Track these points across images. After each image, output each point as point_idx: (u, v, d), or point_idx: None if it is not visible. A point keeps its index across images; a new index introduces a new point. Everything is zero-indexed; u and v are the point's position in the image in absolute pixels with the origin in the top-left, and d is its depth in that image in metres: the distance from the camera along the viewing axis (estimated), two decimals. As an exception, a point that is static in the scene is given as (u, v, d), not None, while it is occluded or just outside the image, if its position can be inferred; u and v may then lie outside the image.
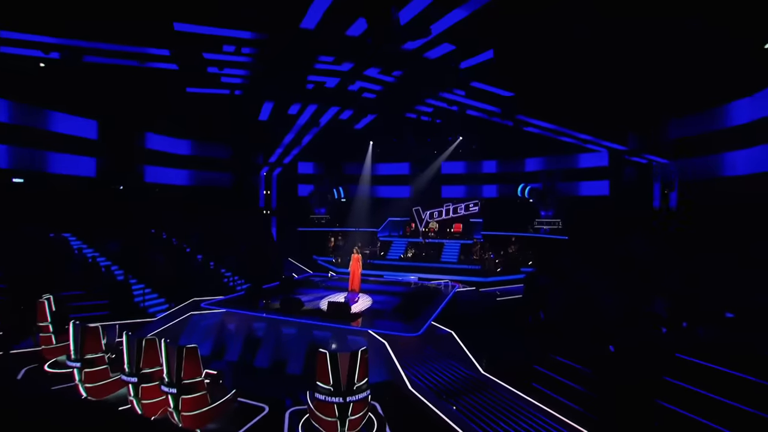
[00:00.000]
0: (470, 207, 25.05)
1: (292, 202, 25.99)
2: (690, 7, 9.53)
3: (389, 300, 13.82)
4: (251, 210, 23.42)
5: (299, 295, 13.80)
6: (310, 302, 13.06)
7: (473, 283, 18.48)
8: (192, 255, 16.70)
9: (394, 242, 23.87)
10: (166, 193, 19.99)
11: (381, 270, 20.08)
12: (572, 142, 18.36)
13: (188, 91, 14.76)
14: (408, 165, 27.04)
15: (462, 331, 11.10)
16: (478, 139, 23.28)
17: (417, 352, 10.08)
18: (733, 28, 10.39)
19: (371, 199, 26.34)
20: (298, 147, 21.71)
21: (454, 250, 22.37)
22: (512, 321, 13.90)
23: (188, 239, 18.20)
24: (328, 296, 14.05)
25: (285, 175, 25.71)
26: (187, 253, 16.90)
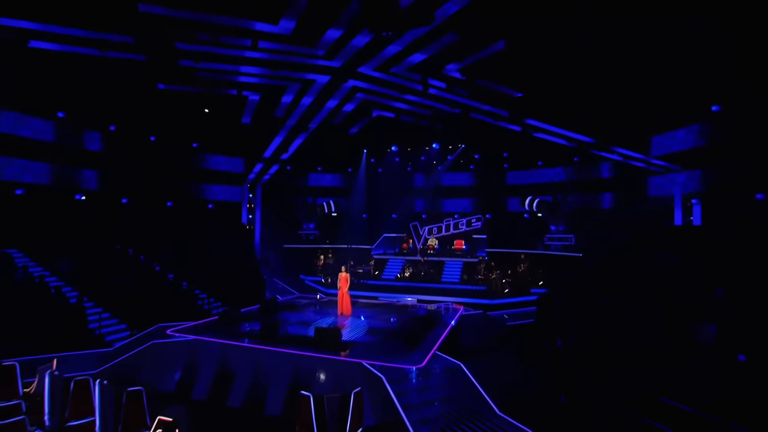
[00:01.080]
0: (473, 222, 24.29)
1: (280, 215, 24.96)
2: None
3: (385, 325, 12.76)
4: (232, 224, 22.33)
5: (282, 319, 12.69)
6: (294, 328, 11.97)
7: (479, 305, 17.46)
8: (162, 274, 15.53)
9: (389, 261, 22.91)
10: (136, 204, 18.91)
11: (376, 291, 19.03)
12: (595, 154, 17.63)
13: (159, 88, 13.87)
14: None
15: (471, 362, 10.06)
16: (483, 146, 22.56)
17: (420, 389, 8.99)
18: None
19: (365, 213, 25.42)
20: (285, 153, 20.79)
21: (457, 269, 21.46)
22: (526, 349, 12.86)
23: (158, 256, 17.06)
24: (315, 321, 12.95)
25: (272, 185, 24.74)
26: (157, 271, 15.73)
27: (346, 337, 11.17)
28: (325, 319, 13.41)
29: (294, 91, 14.76)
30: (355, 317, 13.82)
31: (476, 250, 22.72)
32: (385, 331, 12.09)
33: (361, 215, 26.45)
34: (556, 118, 14.86)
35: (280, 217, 24.81)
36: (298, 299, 16.94)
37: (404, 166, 25.57)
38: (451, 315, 14.44)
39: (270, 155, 20.76)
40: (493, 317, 16.36)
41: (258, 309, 14.29)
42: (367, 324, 13.02)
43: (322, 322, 12.96)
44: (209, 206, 21.61)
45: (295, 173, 25.68)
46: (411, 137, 20.97)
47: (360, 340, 11.07)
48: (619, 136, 15.68)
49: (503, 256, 21.28)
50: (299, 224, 25.19)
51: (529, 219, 23.22)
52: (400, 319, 13.69)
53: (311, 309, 15.03)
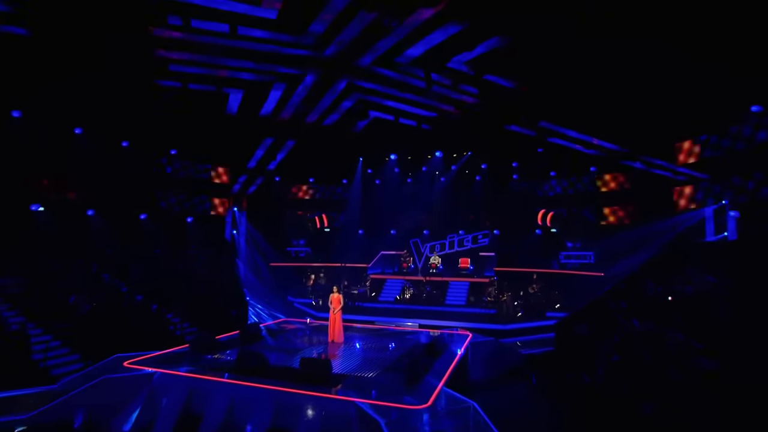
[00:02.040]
0: (479, 239, 23.27)
1: (268, 231, 23.90)
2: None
3: (383, 355, 11.65)
4: (214, 240, 21.25)
5: (265, 348, 11.56)
6: (278, 358, 10.83)
7: (489, 331, 16.27)
8: (129, 295, 14.41)
9: (387, 281, 21.81)
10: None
11: (372, 314, 17.87)
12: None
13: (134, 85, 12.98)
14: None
15: (484, 398, 8.96)
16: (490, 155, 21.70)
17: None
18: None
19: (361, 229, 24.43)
20: (273, 161, 19.86)
21: (462, 290, 20.37)
22: (546, 383, 11.73)
23: (126, 275, 15.96)
24: (302, 350, 11.81)
25: (258, 198, 23.73)
26: (123, 292, 14.61)
27: (338, 369, 10.07)
28: (314, 347, 12.29)
29: (280, 89, 13.91)
30: (349, 345, 12.68)
31: (484, 270, 21.64)
32: (382, 361, 11.00)
33: (356, 231, 25.48)
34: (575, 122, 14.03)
35: (268, 232, 23.76)
36: (283, 324, 15.78)
37: (404, 177, 24.69)
38: (458, 342, 13.33)
39: (255, 164, 19.83)
40: (505, 345, 15.20)
41: (238, 336, 13.17)
42: (362, 353, 11.88)
43: (310, 351, 11.82)
44: (188, 219, 20.55)
45: (285, 185, 24.74)
46: (412, 144, 20.08)
47: (353, 373, 9.95)
48: (646, 142, 14.84)
49: (514, 275, 20.24)
50: (288, 240, 24.12)
51: (541, 235, 22.25)
52: (399, 347, 12.62)
53: (299, 335, 13.89)
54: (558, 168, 21.56)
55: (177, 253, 19.30)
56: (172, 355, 10.80)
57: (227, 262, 20.15)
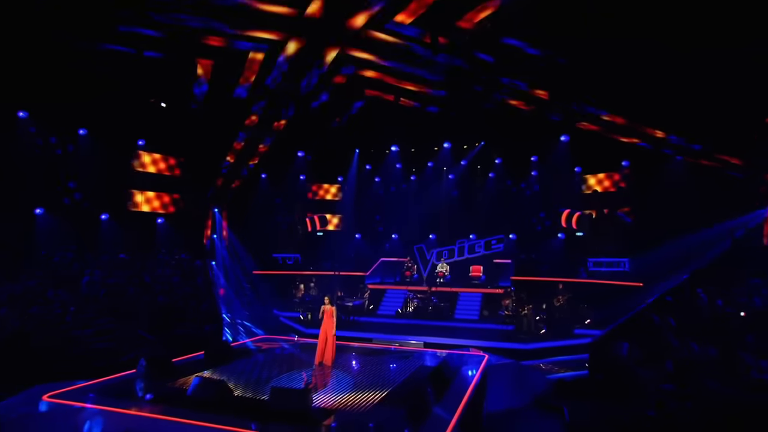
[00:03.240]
0: (492, 244, 21.74)
1: (251, 235, 22.35)
2: None
3: (380, 381, 10.00)
4: (187, 245, 19.69)
5: (232, 373, 9.90)
6: (246, 387, 9.16)
7: (507, 351, 14.61)
8: (75, 310, 12.81)
9: (388, 292, 20.29)
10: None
11: (370, 330, 16.23)
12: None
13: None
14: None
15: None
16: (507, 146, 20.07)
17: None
18: None
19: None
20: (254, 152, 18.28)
21: (474, 302, 18.81)
22: (581, 417, 10.03)
23: (78, 286, 14.42)
24: (279, 375, 10.14)
25: (240, 197, 22.21)
26: (62, 307, 12.99)
27: (321, 401, 8.40)
28: (296, 372, 10.60)
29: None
30: (339, 368, 11.00)
31: (498, 279, 20.13)
32: (379, 389, 9.33)
33: (353, 235, 23.94)
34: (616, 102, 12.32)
35: (252, 236, 22.22)
36: (263, 342, 14.11)
37: (407, 173, 23.10)
38: (472, 365, 11.68)
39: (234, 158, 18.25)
40: (527, 368, 13.50)
41: (203, 358, 11.50)
42: (353, 379, 10.19)
43: (288, 377, 10.14)
44: (158, 221, 19.02)
45: (273, 182, 23.19)
46: (416, 132, 18.43)
47: (341, 406, 8.28)
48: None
49: (534, 286, 18.68)
50: (275, 246, 22.53)
51: (565, 239, 20.66)
52: (401, 370, 10.99)
53: (278, 357, 12.22)
54: (585, 162, 19.93)
55: (144, 259, 17.74)
56: (113, 383, 9.15)
57: (202, 269, 18.53)
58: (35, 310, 12.55)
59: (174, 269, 18.05)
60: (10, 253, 14.37)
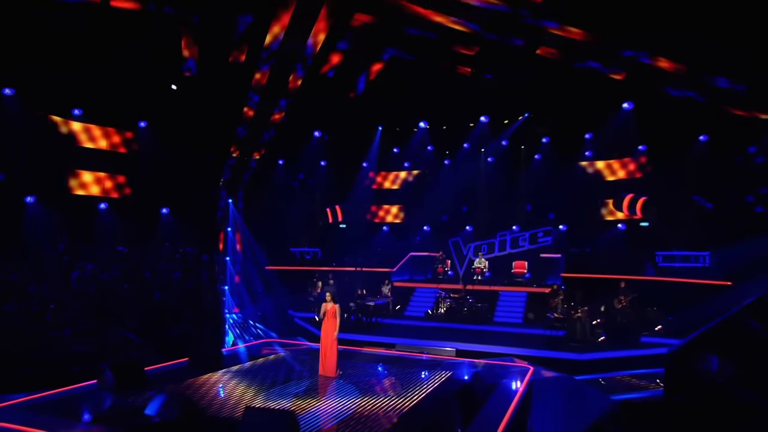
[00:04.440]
0: (539, 237, 19.89)
1: (267, 227, 21.19)
2: None
3: (393, 400, 8.31)
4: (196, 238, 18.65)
5: (215, 385, 8.56)
6: (224, 405, 7.71)
7: (557, 362, 12.64)
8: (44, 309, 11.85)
9: (416, 290, 18.69)
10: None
11: (393, 335, 14.62)
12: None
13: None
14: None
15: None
16: (557, 118, 17.81)
17: None
18: None
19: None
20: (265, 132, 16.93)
21: (517, 303, 17.01)
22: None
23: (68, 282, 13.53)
24: (269, 390, 8.64)
25: (256, 186, 21.06)
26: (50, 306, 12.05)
27: (312, 425, 6.81)
28: (292, 385, 9.07)
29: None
30: (344, 381, 9.39)
31: (546, 276, 18.28)
32: (389, 410, 7.65)
33: (380, 227, 22.39)
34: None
35: (268, 228, 21.06)
36: (265, 347, 12.73)
37: (440, 156, 21.23)
38: (513, 378, 10.04)
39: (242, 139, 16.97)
40: (582, 383, 11.48)
41: (186, 365, 10.22)
42: (361, 394, 8.54)
43: (281, 391, 8.61)
44: (162, 210, 18.08)
45: (291, 169, 21.94)
46: (447, 103, 16.48)
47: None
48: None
49: (590, 284, 16.59)
50: (293, 238, 21.25)
51: (626, 230, 18.36)
52: (422, 384, 9.28)
53: (276, 365, 10.76)
54: (651, 138, 17.47)
55: (145, 252, 16.79)
56: (64, 397, 7.95)
57: (208, 265, 17.41)
58: (10, 307, 11.66)
59: (177, 263, 17.02)
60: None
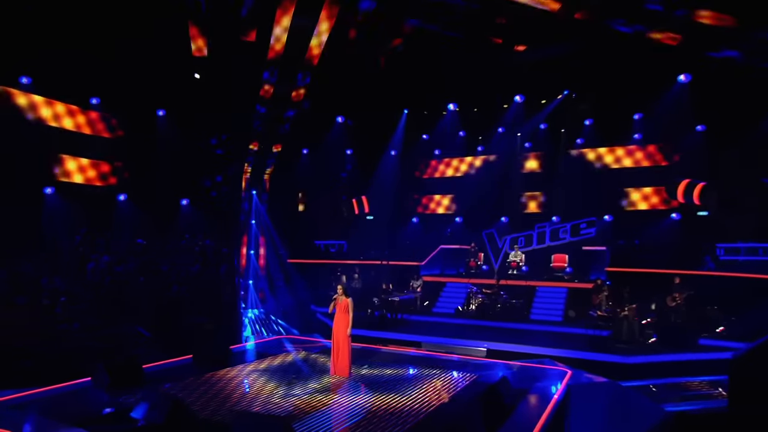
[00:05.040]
0: (582, 229, 18.63)
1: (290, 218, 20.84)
2: None
3: (408, 405, 7.59)
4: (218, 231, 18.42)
5: (215, 384, 8.09)
6: (219, 405, 7.16)
7: (600, 366, 11.57)
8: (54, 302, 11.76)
9: (446, 285, 17.93)
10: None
11: (419, 332, 13.89)
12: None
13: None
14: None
15: None
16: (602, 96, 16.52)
17: None
18: None
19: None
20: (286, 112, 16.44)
21: (556, 299, 16.03)
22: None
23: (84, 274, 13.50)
24: (271, 394, 8.05)
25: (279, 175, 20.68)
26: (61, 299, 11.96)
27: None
28: (297, 386, 8.46)
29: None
30: (357, 383, 8.71)
31: (589, 271, 17.19)
32: (404, 417, 6.98)
33: (408, 218, 21.65)
34: None
35: (291, 220, 20.69)
36: (272, 345, 12.24)
37: (472, 141, 20.20)
38: (548, 383, 9.15)
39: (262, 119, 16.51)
40: (630, 390, 10.39)
41: (192, 362, 9.81)
42: (370, 398, 7.81)
43: (284, 394, 7.99)
44: (182, 201, 17.92)
45: (315, 158, 21.45)
46: (477, 82, 15.39)
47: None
48: None
49: (639, 279, 15.42)
50: (318, 231, 20.79)
51: (682, 220, 16.98)
52: (443, 388, 8.54)
53: (285, 365, 10.16)
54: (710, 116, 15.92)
55: (163, 245, 16.64)
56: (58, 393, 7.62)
57: (228, 258, 17.11)
58: (23, 299, 11.61)
59: (196, 256, 16.80)
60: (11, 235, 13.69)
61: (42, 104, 14.92)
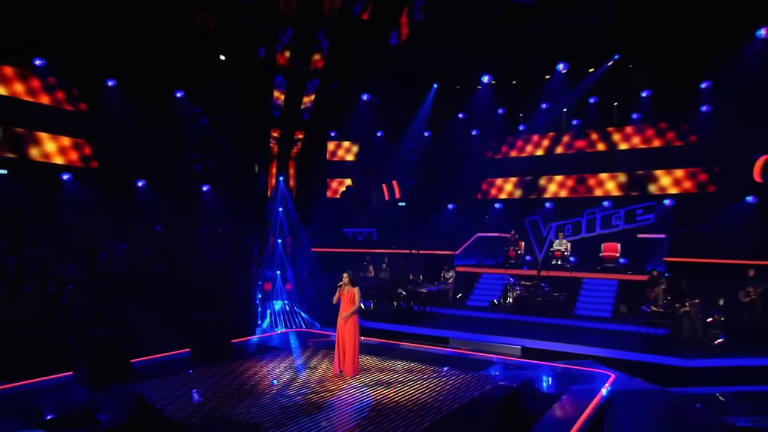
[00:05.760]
0: (637, 214, 17.34)
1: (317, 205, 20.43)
2: None
3: (413, 411, 6.90)
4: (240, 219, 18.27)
5: (209, 377, 7.92)
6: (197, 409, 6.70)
7: (654, 369, 10.45)
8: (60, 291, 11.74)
9: (482, 276, 16.96)
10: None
11: (449, 327, 13.05)
12: None
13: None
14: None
15: None
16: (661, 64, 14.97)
17: None
18: None
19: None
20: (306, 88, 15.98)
21: (606, 293, 14.80)
22: None
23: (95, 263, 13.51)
24: (258, 395, 7.52)
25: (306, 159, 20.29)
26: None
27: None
28: (292, 386, 7.89)
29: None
30: (361, 384, 8.04)
31: (644, 261, 15.78)
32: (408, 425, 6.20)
33: (445, 204, 20.72)
34: None
35: (318, 207, 20.26)
36: (279, 339, 11.80)
37: (512, 119, 18.94)
38: (585, 387, 8.25)
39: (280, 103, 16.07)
40: (687, 400, 9.23)
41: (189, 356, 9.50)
42: (369, 404, 7.12)
43: (278, 395, 7.44)
44: (203, 187, 17.86)
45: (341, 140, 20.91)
46: (513, 49, 14.17)
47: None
48: None
49: (703, 271, 13.97)
50: (345, 219, 20.24)
51: (758, 203, 15.39)
52: (457, 392, 7.82)
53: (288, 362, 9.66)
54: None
55: (183, 232, 16.56)
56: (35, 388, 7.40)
57: (249, 247, 16.86)
58: (29, 287, 11.65)
59: (216, 245, 16.65)
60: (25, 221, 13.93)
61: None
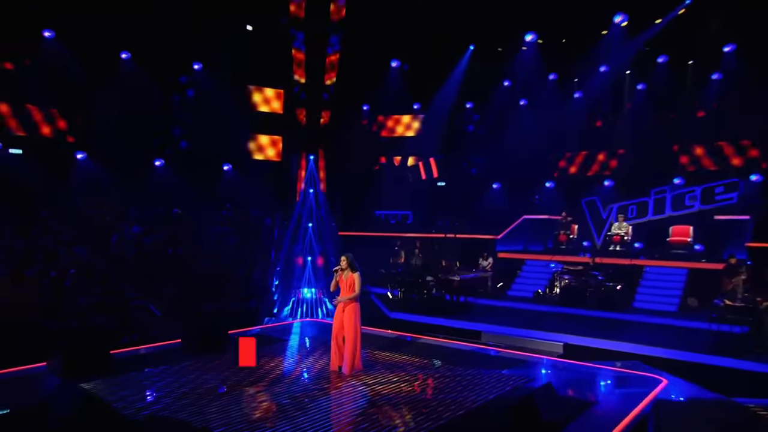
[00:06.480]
0: (716, 193, 15.64)
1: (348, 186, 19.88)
2: None
3: (412, 417, 6.07)
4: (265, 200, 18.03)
5: (181, 377, 7.28)
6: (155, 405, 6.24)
7: (727, 374, 9.15)
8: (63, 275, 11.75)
9: (526, 264, 15.84)
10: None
11: (483, 320, 12.13)
12: None
13: None
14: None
15: None
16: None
17: None
18: None
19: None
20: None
21: (672, 283, 13.44)
22: None
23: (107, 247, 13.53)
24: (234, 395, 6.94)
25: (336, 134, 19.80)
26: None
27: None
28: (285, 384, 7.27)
29: None
30: (359, 383, 7.30)
31: (723, 247, 14.11)
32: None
33: (489, 182, 19.59)
34: None
35: (350, 188, 19.70)
36: (284, 329, 11.26)
37: (565, 84, 17.45)
38: (627, 393, 7.41)
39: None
40: (758, 414, 7.88)
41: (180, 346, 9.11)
42: (368, 404, 6.36)
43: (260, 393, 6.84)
44: (225, 167, 17.68)
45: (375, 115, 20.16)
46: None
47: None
48: None
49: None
50: (378, 200, 19.56)
51: None
52: (471, 396, 6.87)
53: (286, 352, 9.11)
54: None
55: (202, 215, 16.43)
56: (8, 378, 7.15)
57: (270, 230, 16.52)
58: (32, 272, 11.74)
59: (238, 227, 16.42)
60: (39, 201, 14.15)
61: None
